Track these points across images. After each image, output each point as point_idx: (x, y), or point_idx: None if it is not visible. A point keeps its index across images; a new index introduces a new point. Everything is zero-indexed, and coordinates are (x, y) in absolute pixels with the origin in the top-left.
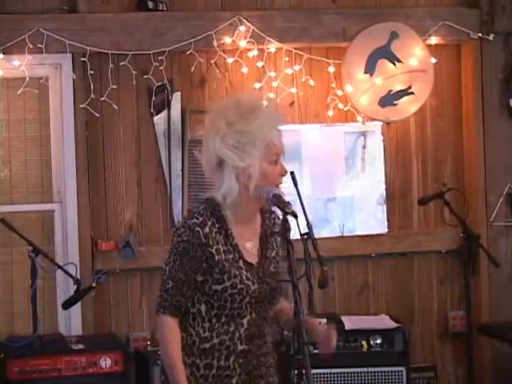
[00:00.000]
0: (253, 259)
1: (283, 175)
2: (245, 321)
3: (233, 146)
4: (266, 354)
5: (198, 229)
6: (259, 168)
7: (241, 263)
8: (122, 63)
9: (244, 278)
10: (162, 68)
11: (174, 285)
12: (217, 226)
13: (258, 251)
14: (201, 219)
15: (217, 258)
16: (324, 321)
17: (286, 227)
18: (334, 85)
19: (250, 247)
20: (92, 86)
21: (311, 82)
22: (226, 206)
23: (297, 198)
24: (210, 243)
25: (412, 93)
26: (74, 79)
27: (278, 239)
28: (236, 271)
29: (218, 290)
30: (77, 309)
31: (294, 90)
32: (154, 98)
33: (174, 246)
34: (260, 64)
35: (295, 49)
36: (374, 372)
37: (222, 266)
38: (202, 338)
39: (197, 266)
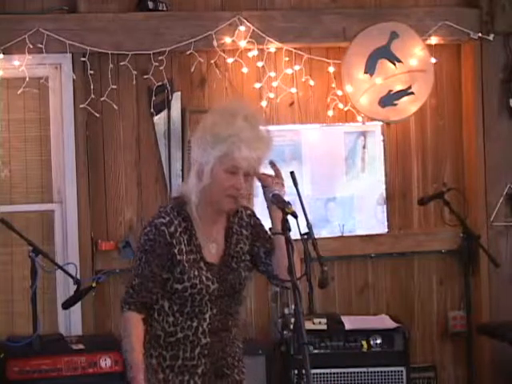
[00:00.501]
0: (214, 259)
1: (237, 189)
2: (207, 316)
3: (201, 141)
4: (230, 344)
5: (163, 228)
6: (212, 170)
7: (201, 264)
8: (121, 63)
9: (204, 278)
10: (162, 68)
11: (140, 281)
12: (183, 225)
13: (222, 249)
14: (167, 219)
15: (178, 257)
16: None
17: (286, 227)
18: (334, 85)
19: (212, 248)
20: (92, 86)
21: (311, 82)
22: (192, 205)
23: (297, 198)
24: (174, 243)
25: (412, 93)
26: (73, 79)
27: (244, 232)
28: (196, 272)
29: (178, 289)
30: (77, 309)
31: (294, 90)
32: (153, 97)
33: (141, 244)
34: (260, 64)
35: (295, 49)
36: (374, 372)
37: (183, 266)
38: (167, 332)
39: (162, 264)
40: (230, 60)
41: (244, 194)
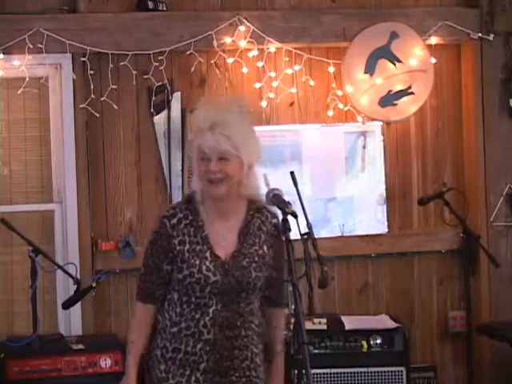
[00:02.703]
0: (223, 253)
1: (209, 172)
2: (210, 310)
3: (190, 141)
4: (242, 348)
5: (165, 220)
6: (194, 162)
7: (207, 254)
8: (121, 63)
9: (204, 268)
10: (161, 68)
11: (145, 272)
12: (190, 218)
13: (233, 246)
14: (171, 212)
15: (178, 248)
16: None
17: (286, 227)
18: (334, 85)
19: (221, 241)
20: (92, 86)
21: (311, 82)
22: (198, 201)
23: (297, 198)
24: (175, 234)
25: (412, 93)
26: (74, 79)
27: (263, 237)
28: (197, 261)
29: (179, 279)
30: (77, 309)
31: (294, 90)
32: (153, 97)
33: (149, 236)
34: (260, 64)
35: (295, 49)
36: (374, 372)
37: (182, 255)
38: (172, 322)
39: (164, 255)
40: (230, 60)
41: (220, 177)
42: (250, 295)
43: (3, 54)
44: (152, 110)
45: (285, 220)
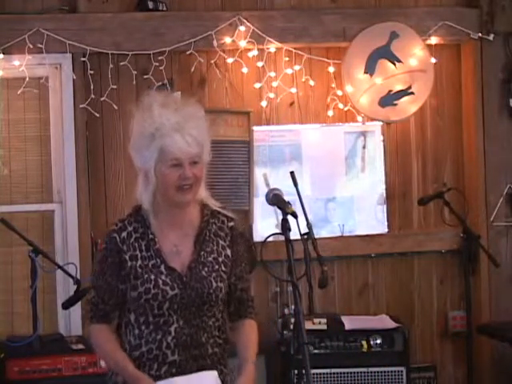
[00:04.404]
0: (179, 265)
1: (185, 179)
2: (172, 329)
3: (135, 148)
4: (209, 367)
5: (114, 235)
6: (155, 170)
7: (162, 268)
8: (121, 63)
9: (160, 283)
10: (161, 68)
11: (96, 294)
12: (140, 231)
13: (190, 255)
14: (120, 225)
15: (129, 264)
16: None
17: (286, 227)
18: (333, 85)
19: (176, 252)
20: (92, 86)
21: (311, 82)
22: (148, 211)
23: (297, 198)
24: (125, 249)
25: (412, 93)
26: (73, 79)
27: (221, 243)
28: (152, 276)
29: (134, 297)
30: (77, 309)
31: (294, 90)
32: None
33: (97, 255)
34: (260, 64)
35: (295, 49)
36: (374, 372)
37: (135, 271)
38: (132, 346)
39: (116, 273)
40: (229, 60)
41: (191, 183)
42: (212, 307)
43: (3, 53)
44: None
45: (285, 220)
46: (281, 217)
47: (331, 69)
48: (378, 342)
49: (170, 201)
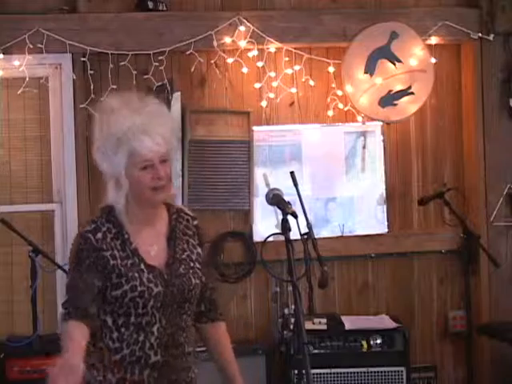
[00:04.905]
0: (157, 262)
1: (159, 178)
2: (154, 329)
3: (101, 154)
4: (186, 369)
5: (89, 235)
6: (127, 175)
7: (142, 266)
8: (121, 63)
9: (145, 280)
10: (162, 68)
11: (73, 295)
12: (113, 231)
13: (166, 253)
14: (93, 226)
15: (112, 262)
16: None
17: (286, 227)
18: (334, 85)
19: (152, 251)
20: (92, 86)
21: (311, 82)
22: (121, 212)
23: (297, 198)
24: (104, 248)
25: (412, 93)
26: (73, 79)
27: (190, 241)
28: (136, 274)
29: (118, 296)
30: None
31: (294, 90)
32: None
33: (70, 257)
34: (260, 64)
35: (295, 49)
36: (374, 372)
37: (119, 270)
38: (111, 349)
39: (94, 272)
40: (230, 60)
41: (167, 181)
42: (191, 305)
43: (3, 54)
44: None
45: (285, 220)
46: (281, 217)
47: (331, 69)
48: (378, 342)
49: (146, 201)
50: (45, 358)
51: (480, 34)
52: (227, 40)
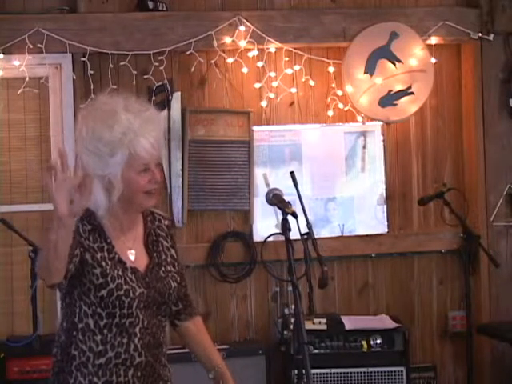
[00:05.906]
0: (137, 265)
1: (155, 183)
2: (137, 330)
3: (93, 154)
4: (163, 366)
5: (78, 223)
6: (122, 177)
7: (124, 267)
8: (121, 63)
9: (128, 279)
10: (161, 68)
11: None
12: (96, 234)
13: (145, 257)
14: (83, 221)
15: (97, 255)
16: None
17: (286, 227)
18: (334, 85)
19: (132, 255)
20: (92, 86)
21: (311, 82)
22: (103, 216)
23: (297, 198)
24: (86, 246)
25: (412, 93)
26: (73, 79)
27: (165, 243)
28: (120, 272)
29: (104, 296)
30: None
31: (294, 90)
32: (153, 97)
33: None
34: (260, 64)
35: (295, 49)
36: (374, 372)
37: (102, 268)
38: (95, 352)
39: (76, 248)
40: (230, 60)
41: (160, 185)
42: (167, 307)
43: (3, 53)
44: None
45: (285, 220)
46: (281, 217)
47: (331, 69)
48: (378, 342)
49: (136, 206)
50: (45, 358)
51: (480, 34)
52: (227, 40)
